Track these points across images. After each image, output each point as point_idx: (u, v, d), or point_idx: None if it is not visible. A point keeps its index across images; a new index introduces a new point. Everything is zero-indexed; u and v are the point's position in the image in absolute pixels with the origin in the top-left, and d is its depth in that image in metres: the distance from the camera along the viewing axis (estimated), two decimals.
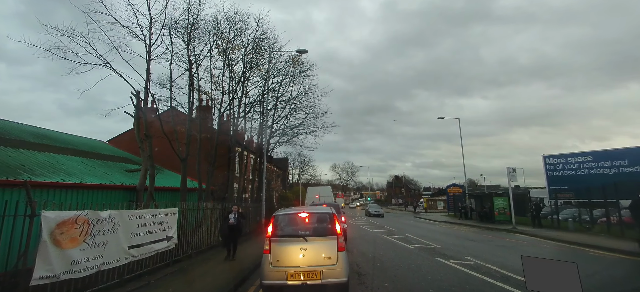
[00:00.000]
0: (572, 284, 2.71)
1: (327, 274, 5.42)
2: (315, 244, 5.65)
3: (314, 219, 6.18)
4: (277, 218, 6.10)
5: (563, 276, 2.82)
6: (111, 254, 5.25)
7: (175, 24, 12.97)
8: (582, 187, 18.79)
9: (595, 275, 7.32)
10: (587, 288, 6.18)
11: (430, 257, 9.43)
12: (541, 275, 2.94)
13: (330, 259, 5.55)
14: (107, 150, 18.87)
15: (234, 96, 15.96)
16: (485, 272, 7.44)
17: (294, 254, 5.57)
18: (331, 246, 5.64)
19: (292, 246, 5.63)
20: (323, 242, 5.69)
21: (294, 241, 5.68)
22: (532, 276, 2.98)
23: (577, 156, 20.19)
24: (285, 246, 5.64)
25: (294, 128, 21.33)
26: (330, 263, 5.52)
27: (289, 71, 19.38)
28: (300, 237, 5.73)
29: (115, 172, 13.81)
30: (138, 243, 6.04)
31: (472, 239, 14.57)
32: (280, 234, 5.83)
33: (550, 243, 12.95)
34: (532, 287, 2.92)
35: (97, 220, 4.99)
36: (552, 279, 2.85)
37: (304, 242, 5.65)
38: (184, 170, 13.20)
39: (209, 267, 7.93)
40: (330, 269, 5.47)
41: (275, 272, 5.49)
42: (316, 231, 5.91)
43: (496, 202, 23.68)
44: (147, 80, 12.07)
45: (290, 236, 5.79)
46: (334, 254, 5.57)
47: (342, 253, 5.61)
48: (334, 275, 5.43)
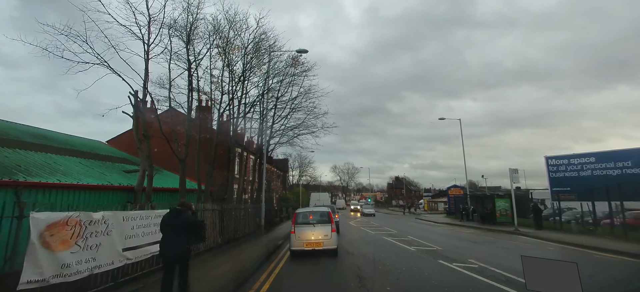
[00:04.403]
0: (572, 284, 2.70)
1: (325, 244, 9.67)
2: (319, 227, 9.94)
3: (318, 215, 10.57)
4: (298, 214, 10.71)
5: (563, 275, 2.81)
6: (104, 257, 5.08)
7: (174, 23, 12.85)
8: (585, 189, 18.57)
9: (597, 276, 7.17)
10: (595, 290, 6.12)
11: (433, 260, 9.23)
12: (541, 275, 2.94)
13: (327, 236, 9.78)
14: (106, 150, 18.72)
15: (233, 96, 15.81)
16: (490, 275, 7.25)
17: (308, 233, 9.79)
18: (328, 229, 9.94)
19: (307, 229, 9.92)
20: (323, 227, 9.98)
21: (307, 226, 10.00)
22: (532, 276, 2.98)
23: (580, 157, 19.98)
24: (303, 229, 9.93)
25: (294, 128, 21.20)
26: (327, 238, 9.75)
27: (289, 71, 19.26)
28: (311, 224, 10.08)
29: (113, 173, 13.65)
30: (133, 245, 5.88)
31: (475, 241, 14.38)
32: (300, 222, 10.20)
33: (554, 245, 12.76)
34: (532, 287, 2.91)
35: (90, 221, 4.82)
36: (552, 279, 2.85)
37: (313, 227, 9.97)
38: (183, 170, 13.05)
39: (206, 270, 7.76)
40: (327, 241, 9.72)
41: (298, 242, 9.74)
42: (319, 221, 10.23)
43: (498, 203, 23.48)
44: (145, 80, 11.93)
45: (306, 224, 10.13)
46: (330, 233, 9.87)
47: (334, 233, 10.02)
48: (329, 244, 9.74)
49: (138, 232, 5.99)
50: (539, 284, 2.87)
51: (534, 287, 2.90)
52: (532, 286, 2.91)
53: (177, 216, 5.36)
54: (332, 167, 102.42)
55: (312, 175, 75.64)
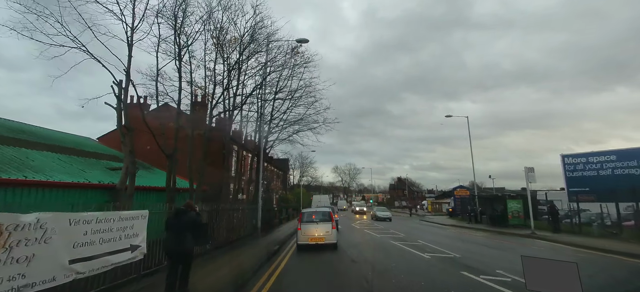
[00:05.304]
0: (572, 284, 2.71)
1: (326, 239, 11.31)
2: (321, 225, 11.61)
3: (320, 214, 12.24)
4: (304, 214, 12.54)
5: (563, 275, 2.81)
6: (40, 272, 3.87)
7: (163, 8, 11.66)
8: (605, 189, 17.29)
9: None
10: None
11: (454, 271, 7.87)
12: (541, 275, 2.93)
13: (328, 232, 11.45)
14: (93, 147, 17.53)
15: (228, 85, 14.60)
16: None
17: (312, 230, 11.48)
18: (329, 227, 11.59)
19: (311, 226, 11.63)
20: (325, 224, 11.64)
21: (312, 224, 11.71)
22: (532, 276, 2.97)
23: (599, 155, 18.70)
24: (308, 226, 11.61)
25: (293, 124, 19.96)
26: (328, 234, 11.41)
27: (289, 63, 18.04)
28: (314, 222, 11.81)
29: (95, 170, 12.47)
30: (86, 255, 4.66)
31: (493, 246, 13.10)
32: (305, 220, 11.94)
33: (584, 252, 11.45)
34: (532, 287, 2.90)
35: (16, 226, 3.62)
36: (552, 279, 2.85)
37: (317, 225, 11.68)
38: (170, 167, 11.85)
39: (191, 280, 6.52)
40: (328, 236, 11.38)
41: (303, 238, 11.41)
42: (322, 219, 11.90)
43: (510, 204, 22.17)
44: (128, 66, 10.77)
45: (310, 222, 11.84)
46: (330, 230, 11.51)
47: (334, 230, 11.70)
48: (330, 239, 11.39)
49: (94, 238, 4.77)
50: (539, 284, 2.86)
51: (534, 287, 2.88)
52: (532, 286, 2.89)
53: (180, 216, 5.74)
54: (334, 168, 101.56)
55: (313, 175, 74.52)
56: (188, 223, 5.66)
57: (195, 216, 5.93)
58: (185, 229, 5.60)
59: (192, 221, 5.73)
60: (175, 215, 5.81)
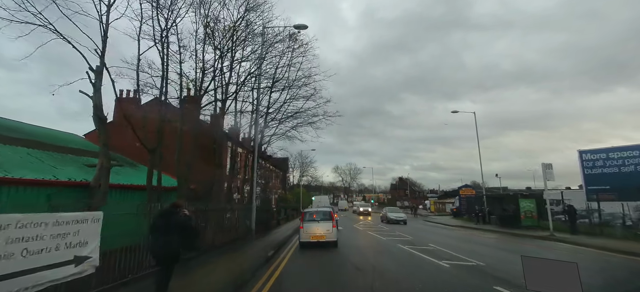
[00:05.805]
0: (572, 284, 2.67)
1: (327, 237, 11.88)
2: (322, 224, 12.18)
3: (321, 214, 12.77)
4: (306, 213, 13.21)
5: (563, 275, 2.78)
6: None
7: None
8: (628, 187, 15.99)
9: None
10: None
11: (487, 286, 6.35)
12: (541, 275, 2.91)
13: (329, 230, 12.00)
14: (78, 143, 16.26)
15: (221, 70, 13.32)
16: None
17: (314, 228, 12.07)
18: (330, 225, 12.12)
19: (313, 225, 12.22)
20: (325, 223, 12.19)
21: (313, 223, 12.32)
22: (532, 276, 2.97)
23: (621, 151, 17.39)
24: (310, 225, 12.20)
25: (292, 117, 18.67)
26: (329, 232, 11.97)
27: (287, 52, 16.77)
28: (316, 221, 12.39)
29: (70, 167, 11.20)
30: (6, 272, 3.39)
31: (513, 250, 11.71)
32: (307, 219, 12.56)
33: (618, 257, 10.13)
34: (532, 287, 2.89)
35: None
36: (552, 279, 2.82)
37: (318, 223, 12.26)
38: (152, 163, 10.58)
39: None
40: (329, 235, 11.94)
41: (306, 235, 11.97)
42: (323, 218, 12.46)
43: (522, 204, 20.86)
44: (103, 49, 9.52)
45: (311, 221, 12.44)
46: (331, 229, 12.05)
47: (334, 228, 12.19)
48: (330, 237, 11.93)
49: (14, 249, 3.51)
50: (539, 284, 2.85)
51: (534, 287, 2.88)
52: (532, 286, 2.90)
53: (168, 217, 5.33)
54: (334, 168, 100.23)
55: (314, 175, 73.28)
56: (177, 226, 5.24)
57: (186, 219, 5.49)
58: (172, 230, 5.17)
59: (181, 224, 5.31)
60: (161, 215, 5.52)
